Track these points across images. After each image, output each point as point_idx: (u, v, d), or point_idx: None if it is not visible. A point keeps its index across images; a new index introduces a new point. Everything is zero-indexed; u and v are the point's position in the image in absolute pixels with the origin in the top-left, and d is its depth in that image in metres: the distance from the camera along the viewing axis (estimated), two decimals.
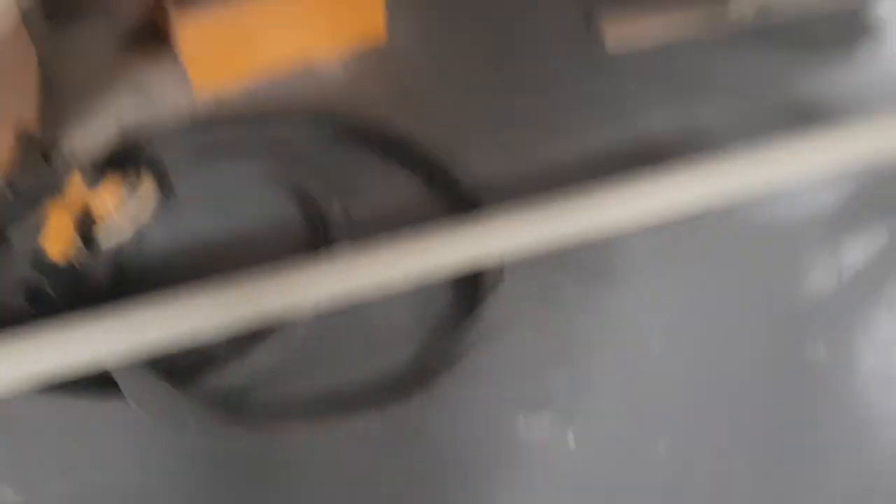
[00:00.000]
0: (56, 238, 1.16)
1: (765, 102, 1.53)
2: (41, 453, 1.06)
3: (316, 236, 1.25)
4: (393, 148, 1.39)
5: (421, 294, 1.19)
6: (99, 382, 1.07)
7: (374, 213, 1.29)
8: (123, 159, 1.28)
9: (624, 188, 1.23)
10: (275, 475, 1.05)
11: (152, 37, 1.54)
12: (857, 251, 1.32)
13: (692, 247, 1.30)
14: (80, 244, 1.18)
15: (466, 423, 1.11)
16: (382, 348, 1.18)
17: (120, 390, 1.07)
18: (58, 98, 1.44)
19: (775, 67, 1.60)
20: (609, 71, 1.58)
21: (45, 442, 1.07)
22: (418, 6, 1.68)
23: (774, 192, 1.32)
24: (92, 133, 1.38)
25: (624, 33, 1.62)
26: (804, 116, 1.49)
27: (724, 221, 1.31)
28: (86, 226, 1.19)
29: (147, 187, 1.25)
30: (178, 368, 1.10)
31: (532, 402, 1.13)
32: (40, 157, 1.24)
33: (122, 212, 1.22)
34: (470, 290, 1.21)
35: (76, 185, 1.19)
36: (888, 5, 1.73)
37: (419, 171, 1.37)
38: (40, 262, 1.15)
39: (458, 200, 1.32)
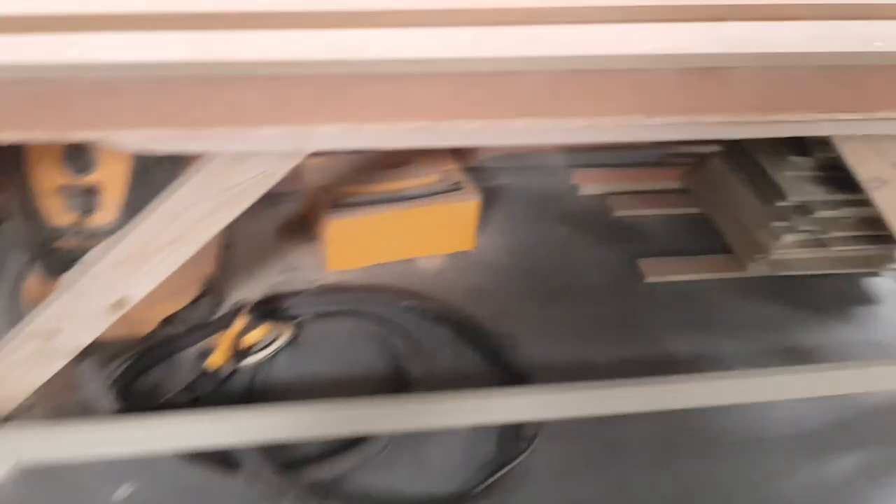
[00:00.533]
0: (219, 357, 1.64)
1: (769, 343, 1.91)
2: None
3: (398, 382, 1.68)
4: (464, 328, 1.84)
5: (472, 435, 1.59)
6: (225, 459, 1.49)
7: (442, 374, 1.71)
8: (271, 310, 1.78)
9: (639, 386, 1.61)
10: None
11: (302, 226, 2.10)
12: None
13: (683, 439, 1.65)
14: (233, 363, 1.65)
15: None
16: (434, 473, 1.55)
17: (239, 468, 1.48)
18: (231, 262, 1.98)
19: (782, 315, 1.99)
20: (646, 299, 2.01)
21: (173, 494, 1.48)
22: (502, 231, 2.20)
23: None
24: (252, 289, 1.90)
25: (660, 270, 2.06)
26: (800, 360, 1.86)
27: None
28: (239, 351, 1.67)
29: (284, 330, 1.73)
30: (284, 460, 1.51)
31: None
32: (216, 301, 1.76)
33: (265, 345, 1.70)
34: (511, 440, 1.59)
35: (239, 323, 1.68)
36: (889, 280, 2.12)
37: (481, 349, 1.80)
38: (203, 371, 1.62)
39: (507, 374, 1.73)
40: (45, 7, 1.01)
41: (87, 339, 1.38)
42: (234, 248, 2.04)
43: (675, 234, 2.24)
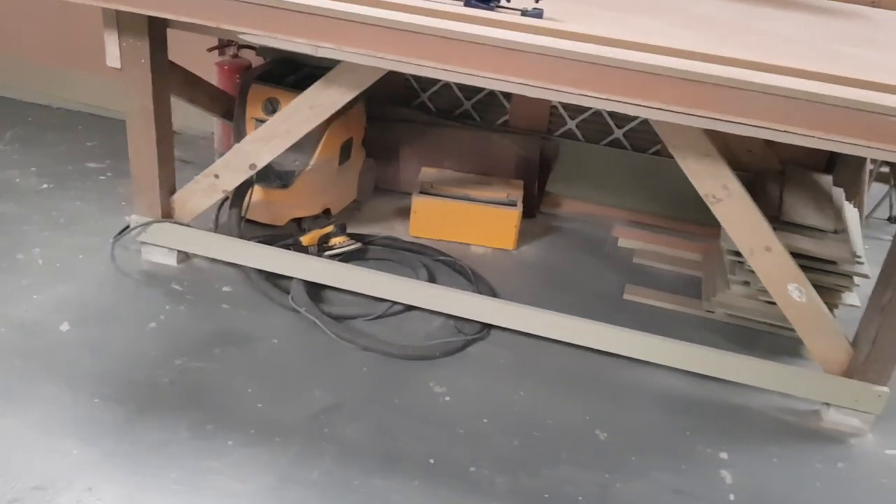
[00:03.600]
0: (308, 239, 2.63)
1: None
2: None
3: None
4: (471, 277, 2.65)
5: (444, 322, 2.40)
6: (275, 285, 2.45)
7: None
8: (355, 234, 2.75)
9: (559, 318, 2.31)
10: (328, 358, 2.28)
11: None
12: None
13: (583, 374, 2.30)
14: (315, 248, 2.63)
15: None
16: (412, 336, 2.38)
17: (290, 293, 2.43)
18: (354, 213, 3.00)
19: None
20: (617, 307, 2.65)
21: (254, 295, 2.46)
22: (544, 247, 2.98)
23: None
24: (353, 225, 2.89)
25: (638, 293, 2.70)
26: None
27: None
28: (322, 242, 2.65)
29: (355, 244, 2.68)
30: (318, 299, 2.43)
31: None
32: (328, 219, 2.78)
33: (340, 247, 2.65)
34: (467, 330, 2.37)
35: (329, 227, 2.67)
36: None
37: (479, 286, 2.59)
38: (296, 241, 2.62)
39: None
40: None
41: (233, 184, 2.46)
42: (361, 207, 3.06)
43: (670, 281, 2.85)
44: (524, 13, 1.93)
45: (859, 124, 1.64)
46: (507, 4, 1.98)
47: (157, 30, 2.26)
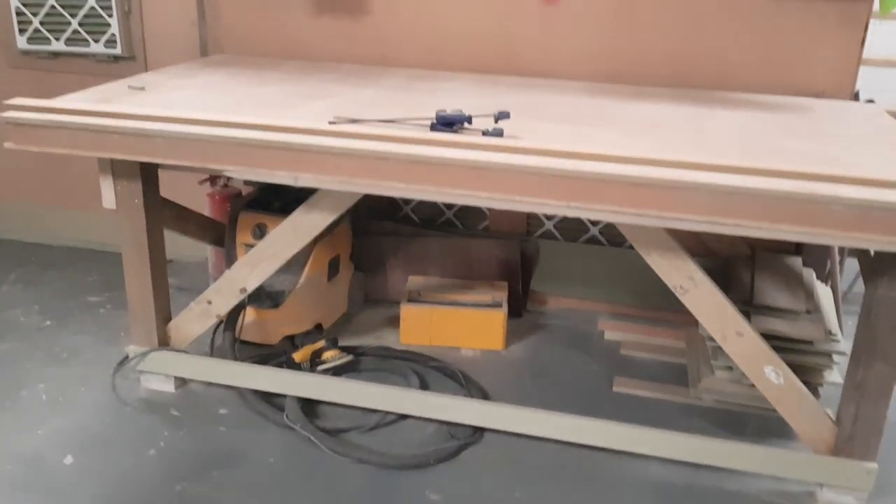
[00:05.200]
0: (300, 355, 2.72)
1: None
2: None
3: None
4: (461, 380, 2.72)
5: (437, 428, 2.45)
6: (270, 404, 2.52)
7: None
8: (346, 346, 2.83)
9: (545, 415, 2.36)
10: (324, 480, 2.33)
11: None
12: None
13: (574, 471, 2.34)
14: (308, 363, 2.71)
15: None
16: (407, 444, 2.42)
17: (283, 411, 2.49)
18: (345, 324, 3.09)
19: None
20: (607, 400, 2.71)
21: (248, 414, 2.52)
22: (532, 344, 3.06)
23: None
24: (344, 337, 2.98)
25: (627, 384, 2.76)
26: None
27: None
28: (315, 357, 2.73)
29: (346, 357, 2.76)
30: (311, 413, 2.50)
31: None
32: (319, 334, 2.87)
33: (332, 361, 2.73)
34: (460, 434, 2.42)
35: (321, 342, 2.76)
36: None
37: (469, 389, 2.66)
38: (289, 359, 2.70)
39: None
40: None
41: (225, 309, 2.57)
42: (352, 319, 3.16)
43: (657, 370, 2.91)
44: (485, 133, 2.09)
45: (799, 213, 1.76)
46: (469, 127, 2.13)
47: (148, 172, 2.41)
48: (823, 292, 2.73)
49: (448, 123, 2.13)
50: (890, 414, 2.14)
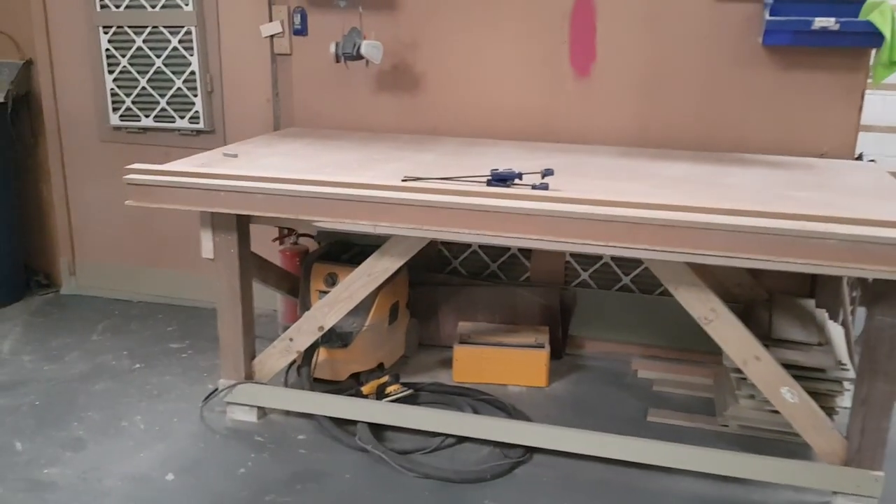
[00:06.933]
0: (367, 389, 3.06)
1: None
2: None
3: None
4: (509, 411, 3.04)
5: (493, 449, 2.77)
6: (343, 430, 2.85)
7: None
8: (406, 382, 3.17)
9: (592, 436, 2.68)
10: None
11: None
12: None
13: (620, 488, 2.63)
14: (374, 396, 3.06)
15: None
16: (464, 462, 2.74)
17: (356, 433, 2.83)
18: (403, 365, 3.44)
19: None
20: (642, 427, 3.00)
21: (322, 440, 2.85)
22: (573, 382, 3.38)
23: None
24: (404, 374, 3.32)
25: (661, 415, 3.06)
26: None
27: None
28: (381, 390, 3.07)
29: (407, 391, 3.10)
30: (380, 438, 2.83)
31: None
32: (381, 371, 3.22)
33: (395, 394, 3.07)
34: (512, 454, 2.74)
35: (385, 378, 3.10)
36: None
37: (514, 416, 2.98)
38: (359, 391, 3.05)
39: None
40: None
41: (304, 345, 2.94)
42: (409, 361, 3.51)
43: (687, 403, 3.21)
44: (534, 187, 2.47)
45: (800, 248, 2.12)
46: (520, 182, 2.52)
47: (243, 225, 2.83)
48: (835, 329, 3.05)
49: (502, 179, 2.52)
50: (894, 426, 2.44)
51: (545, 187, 2.47)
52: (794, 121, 3.23)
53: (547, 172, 2.52)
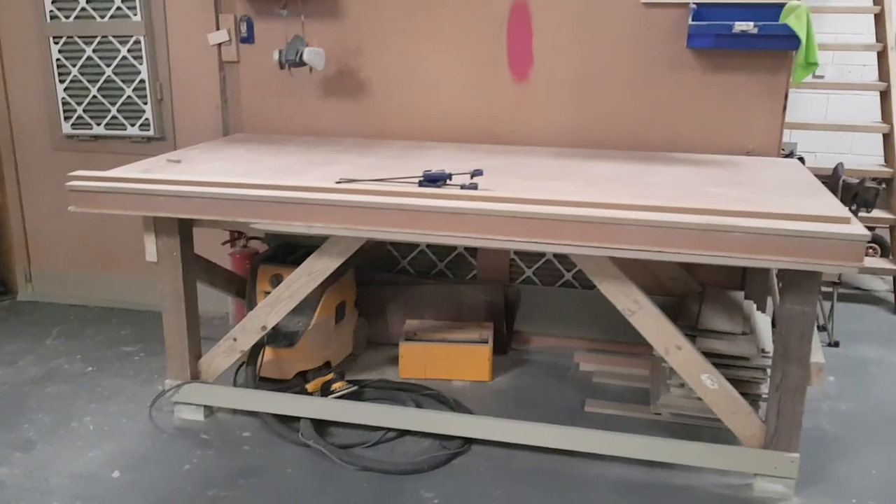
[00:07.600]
0: (312, 386, 3.14)
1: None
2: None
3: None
4: (452, 405, 3.14)
5: (431, 441, 2.87)
6: (287, 426, 2.93)
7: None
8: (351, 379, 3.26)
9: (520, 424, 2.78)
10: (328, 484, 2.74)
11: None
12: None
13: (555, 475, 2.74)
14: (319, 392, 3.14)
15: None
16: (403, 455, 2.83)
17: (299, 429, 2.91)
18: (351, 362, 3.53)
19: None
20: (580, 417, 3.11)
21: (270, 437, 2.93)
22: (516, 376, 3.48)
23: None
24: (350, 371, 3.41)
25: (598, 406, 3.18)
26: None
27: None
28: (326, 387, 3.15)
29: (351, 387, 3.18)
30: (323, 434, 2.91)
31: None
32: (327, 369, 3.30)
33: (340, 390, 3.16)
34: (450, 445, 2.83)
35: (330, 375, 3.19)
36: None
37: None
38: (304, 389, 3.13)
39: None
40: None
41: (248, 345, 3.01)
42: (357, 359, 3.60)
43: (624, 394, 3.33)
44: (463, 187, 2.57)
45: (708, 240, 2.24)
46: (450, 182, 2.62)
47: (185, 229, 2.90)
48: (762, 319, 3.18)
49: (433, 180, 2.62)
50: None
51: (474, 187, 2.57)
52: (721, 120, 3.36)
53: (476, 173, 2.62)
